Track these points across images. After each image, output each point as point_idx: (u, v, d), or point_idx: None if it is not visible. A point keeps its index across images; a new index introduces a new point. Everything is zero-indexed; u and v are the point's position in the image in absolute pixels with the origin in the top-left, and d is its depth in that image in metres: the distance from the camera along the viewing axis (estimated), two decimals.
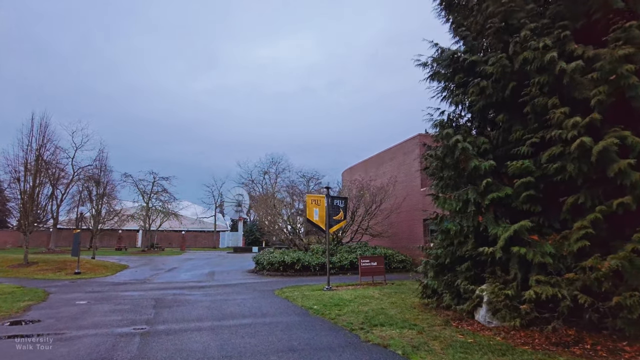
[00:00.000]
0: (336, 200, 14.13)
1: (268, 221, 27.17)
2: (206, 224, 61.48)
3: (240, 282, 17.80)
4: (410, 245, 23.15)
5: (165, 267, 26.56)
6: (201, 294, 13.95)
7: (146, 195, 43.75)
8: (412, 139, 23.54)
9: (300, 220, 27.28)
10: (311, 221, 13.93)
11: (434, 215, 10.15)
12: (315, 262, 20.53)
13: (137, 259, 33.66)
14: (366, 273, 15.15)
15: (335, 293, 12.83)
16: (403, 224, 23.57)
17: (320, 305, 10.61)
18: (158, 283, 18.21)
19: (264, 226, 29.13)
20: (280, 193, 28.67)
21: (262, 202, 30.12)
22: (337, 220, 14.05)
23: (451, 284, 9.12)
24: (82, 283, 18.47)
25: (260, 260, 22.25)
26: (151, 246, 48.44)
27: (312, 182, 42.94)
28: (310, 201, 13.92)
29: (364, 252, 21.61)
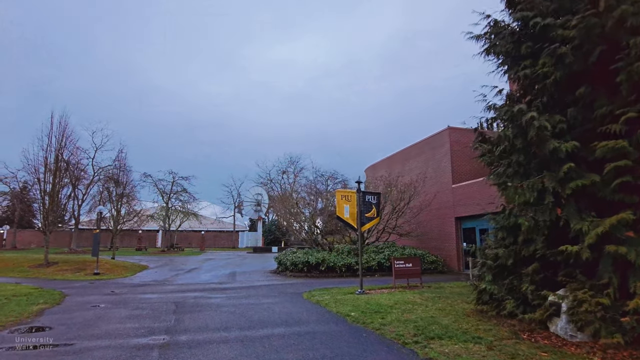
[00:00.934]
0: (368, 195, 12.84)
1: (287, 221, 25.99)
2: (225, 224, 60.70)
3: (263, 284, 16.62)
4: (441, 245, 21.70)
5: (185, 268, 25.59)
6: (224, 297, 12.79)
7: (165, 195, 43.05)
8: (441, 133, 22.08)
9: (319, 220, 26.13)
10: (341, 219, 12.66)
11: (500, 208, 8.71)
12: (340, 263, 19.24)
13: (157, 260, 32.86)
14: (400, 275, 13.81)
15: (371, 297, 11.52)
16: (432, 222, 22.12)
17: (359, 312, 9.32)
18: (178, 285, 17.16)
19: (285, 226, 27.95)
20: (299, 192, 27.45)
21: (282, 202, 28.99)
22: (370, 218, 12.76)
23: (515, 289, 7.74)
24: (100, 284, 17.54)
25: (282, 260, 21.08)
26: (171, 246, 47.77)
27: (330, 181, 41.44)
28: (340, 197, 12.66)
29: (392, 252, 20.24)
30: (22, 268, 23.59)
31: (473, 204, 19.55)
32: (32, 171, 23.61)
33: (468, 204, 19.92)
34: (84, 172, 42.19)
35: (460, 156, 21.40)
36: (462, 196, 20.39)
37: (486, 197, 18.68)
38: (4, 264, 25.22)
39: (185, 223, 49.83)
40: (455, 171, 21.19)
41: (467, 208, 20.02)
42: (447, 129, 21.61)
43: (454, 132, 21.61)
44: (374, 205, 12.90)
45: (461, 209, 20.43)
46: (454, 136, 21.52)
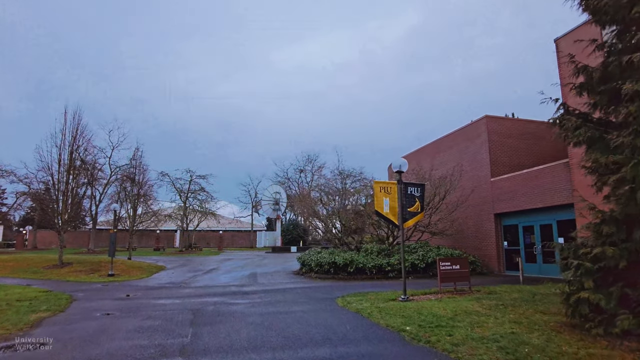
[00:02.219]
0: (411, 187, 11.00)
1: (311, 220, 24.22)
2: (243, 224, 59.31)
3: (288, 287, 14.89)
4: (478, 244, 19.68)
5: (203, 269, 24.03)
6: (247, 304, 11.08)
7: (183, 194, 41.71)
8: (477, 122, 20.07)
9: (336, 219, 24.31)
10: (380, 214, 10.84)
11: (577, 199, 6.74)
12: (370, 264, 17.39)
13: (175, 260, 31.45)
14: (447, 278, 11.91)
15: (420, 305, 9.67)
16: (469, 220, 20.11)
17: (415, 326, 7.49)
18: (196, 287, 15.55)
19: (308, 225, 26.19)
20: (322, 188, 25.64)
21: (300, 201, 27.27)
22: (413, 213, 10.92)
23: (629, 300, 5.84)
24: (114, 287, 16.03)
25: (306, 261, 19.32)
26: (189, 246, 46.47)
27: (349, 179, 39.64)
28: (379, 189, 10.85)
29: (427, 252, 18.30)
30: (35, 269, 22.34)
31: (516, 199, 17.53)
32: (46, 169, 22.31)
33: (510, 198, 17.89)
34: (101, 172, 41.18)
35: (499, 147, 19.36)
36: (502, 190, 18.35)
37: (534, 190, 16.65)
38: (19, 264, 24.05)
39: (203, 223, 48.52)
40: (494, 163, 19.16)
41: (508, 203, 17.98)
42: (484, 118, 19.58)
43: (492, 121, 19.58)
44: (418, 199, 11.05)
45: (502, 205, 18.39)
46: (492, 125, 19.49)
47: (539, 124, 20.25)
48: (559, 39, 15.86)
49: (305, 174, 54.46)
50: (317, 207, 22.66)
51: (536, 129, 20.07)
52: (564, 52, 16.62)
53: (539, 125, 20.24)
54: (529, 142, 19.77)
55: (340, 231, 21.31)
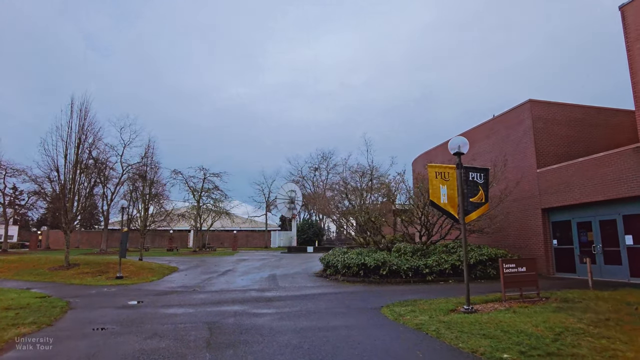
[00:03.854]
0: (472, 172, 8.81)
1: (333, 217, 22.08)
2: (257, 224, 57.32)
3: (316, 292, 12.75)
4: (522, 243, 17.34)
5: (218, 270, 22.02)
6: (274, 314, 8.96)
7: (197, 193, 39.78)
8: (519, 107, 17.72)
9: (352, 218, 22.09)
10: (437, 205, 8.65)
11: None
12: (406, 266, 15.16)
13: (188, 261, 29.51)
14: (512, 283, 9.67)
15: (493, 318, 7.46)
16: (510, 216, 17.77)
17: (513, 353, 5.30)
18: (211, 292, 13.49)
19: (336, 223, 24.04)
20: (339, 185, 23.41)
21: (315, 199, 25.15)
22: (476, 204, 8.73)
23: None
24: (119, 292, 14.04)
25: (331, 262, 17.16)
26: (203, 246, 44.63)
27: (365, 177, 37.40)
28: (433, 175, 8.65)
29: (468, 252, 16.00)
30: (40, 270, 20.51)
31: (569, 192, 15.17)
32: (51, 164, 20.43)
33: (561, 191, 15.53)
34: (113, 170, 39.51)
35: (545, 135, 17.00)
36: (552, 182, 15.99)
37: (593, 181, 14.30)
38: (24, 265, 22.25)
39: (217, 222, 46.63)
40: (540, 153, 16.80)
41: (559, 197, 15.62)
42: (528, 103, 17.23)
43: (537, 106, 17.22)
44: (481, 186, 8.84)
45: (551, 199, 16.03)
46: (537, 111, 17.13)
47: (589, 110, 17.88)
48: (625, 6, 13.54)
49: (320, 172, 52.32)
50: (339, 204, 20.51)
51: (585, 114, 17.69)
52: (630, 19, 14.42)
53: (589, 110, 17.87)
54: (578, 129, 17.39)
55: (369, 229, 19.06)
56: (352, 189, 20.28)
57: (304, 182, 53.84)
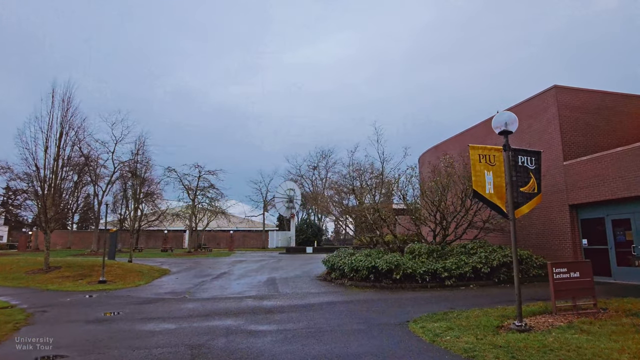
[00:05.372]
0: (522, 156, 6.99)
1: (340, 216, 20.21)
2: (254, 224, 55.32)
3: (324, 301, 10.86)
4: (546, 243, 15.57)
5: (212, 273, 20.13)
6: (276, 334, 7.09)
7: (191, 192, 37.77)
8: (543, 94, 15.94)
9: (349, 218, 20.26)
10: (482, 196, 6.81)
11: None
12: (422, 270, 13.32)
13: (182, 262, 27.59)
14: (565, 292, 7.86)
15: (561, 340, 5.64)
16: (533, 213, 15.94)
17: None
18: (202, 300, 11.61)
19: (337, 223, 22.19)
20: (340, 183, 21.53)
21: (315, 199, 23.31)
22: (527, 195, 6.92)
23: None
24: (98, 299, 12.12)
25: (337, 264, 15.30)
26: (198, 247, 42.62)
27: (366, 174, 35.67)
28: (477, 158, 6.82)
29: (489, 253, 14.20)
30: (17, 274, 18.50)
31: (602, 186, 13.40)
32: (29, 158, 18.41)
33: (593, 185, 13.76)
34: (105, 168, 37.52)
35: (572, 124, 15.24)
36: (581, 176, 14.22)
37: (633, 173, 12.53)
38: (1, 268, 20.28)
39: (213, 222, 44.65)
40: (567, 144, 15.03)
41: (591, 191, 13.85)
42: (553, 89, 15.46)
43: (563, 93, 15.45)
44: (532, 173, 7.04)
45: (580, 194, 14.26)
46: (563, 98, 15.36)
47: (617, 97, 16.13)
48: None
49: (319, 171, 50.44)
50: (343, 200, 18.68)
51: (615, 102, 15.95)
52: None
53: (617, 97, 16.12)
54: (607, 118, 15.64)
55: (378, 228, 17.18)
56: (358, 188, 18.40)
57: (303, 181, 51.96)
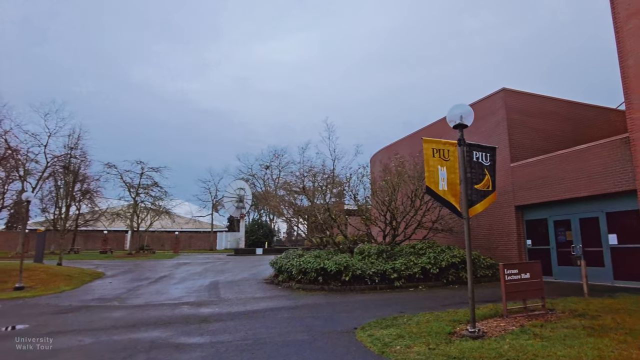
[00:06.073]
0: (477, 151, 6.58)
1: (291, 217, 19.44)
2: (202, 224, 53.13)
3: (268, 307, 10.05)
4: (493, 243, 15.68)
5: (151, 276, 18.66)
6: (206, 348, 6.18)
7: (133, 190, 35.37)
8: (492, 97, 16.10)
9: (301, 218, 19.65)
10: (435, 193, 6.31)
11: None
12: (371, 271, 12.86)
13: (120, 265, 25.60)
14: (516, 293, 7.58)
15: (517, 347, 5.22)
16: (481, 214, 16.01)
17: None
18: (132, 307, 10.39)
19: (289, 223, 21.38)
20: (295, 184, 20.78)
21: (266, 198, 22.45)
22: (482, 193, 6.53)
23: None
24: (8, 310, 10.50)
25: (284, 266, 14.52)
26: (140, 249, 40.14)
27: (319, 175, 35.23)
28: (430, 152, 6.31)
29: (438, 253, 14.01)
30: None
31: (548, 187, 13.62)
32: None
33: (538, 187, 13.98)
34: (36, 163, 34.30)
35: (519, 127, 15.47)
36: (528, 178, 14.42)
37: (576, 175, 12.78)
38: None
39: (157, 223, 42.25)
40: (514, 146, 15.23)
41: (536, 193, 14.07)
42: (502, 92, 15.63)
43: (511, 96, 15.66)
44: (487, 170, 6.68)
45: (526, 195, 14.46)
46: (511, 101, 15.57)
47: (561, 103, 16.61)
48: None
49: (271, 171, 49.31)
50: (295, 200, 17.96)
51: (559, 107, 16.40)
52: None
53: (561, 104, 16.60)
54: (552, 122, 16.04)
55: (328, 228, 16.59)
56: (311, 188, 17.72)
57: (255, 181, 50.58)
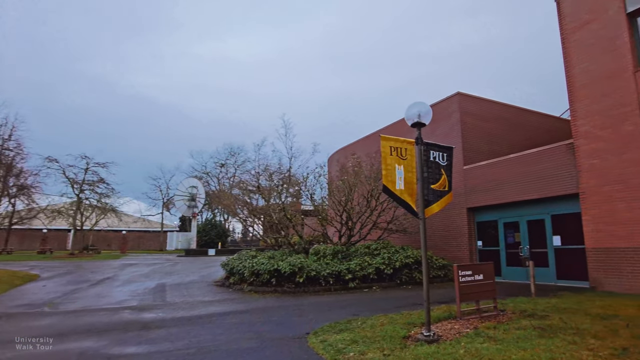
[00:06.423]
0: (434, 150, 6.44)
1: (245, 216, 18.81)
2: (152, 223, 50.83)
3: (216, 311, 9.47)
4: (446, 244, 15.91)
5: (93, 278, 17.37)
6: (144, 358, 5.61)
7: (77, 186, 33.09)
8: (448, 100, 16.33)
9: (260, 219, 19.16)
10: (392, 192, 6.08)
11: None
12: (326, 272, 12.58)
13: (59, 266, 23.75)
14: (469, 295, 7.53)
15: (473, 352, 5.08)
16: (434, 215, 16.17)
17: None
18: (65, 313, 9.45)
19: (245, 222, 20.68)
20: None
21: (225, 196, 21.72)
22: (438, 193, 6.39)
23: None
24: None
25: (236, 268, 13.93)
26: (84, 248, 37.67)
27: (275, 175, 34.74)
28: (388, 150, 6.08)
29: (392, 254, 13.97)
30: None
31: (499, 190, 13.98)
32: None
33: (489, 189, 14.32)
34: None
35: (473, 131, 15.81)
36: (480, 180, 14.74)
37: (526, 178, 13.16)
38: None
39: (103, 221, 39.82)
40: (467, 149, 15.53)
41: (487, 195, 14.41)
42: (457, 95, 15.90)
43: (466, 100, 15.97)
44: (444, 170, 6.55)
45: (477, 197, 14.78)
46: (466, 105, 15.88)
47: (511, 109, 17.18)
48: None
49: (227, 169, 47.94)
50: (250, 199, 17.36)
51: (510, 113, 16.95)
52: (566, 10, 13.67)
53: (511, 109, 17.16)
54: (503, 127, 16.53)
55: (283, 228, 16.14)
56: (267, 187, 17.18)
57: (209, 179, 48.99)
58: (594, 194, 11.02)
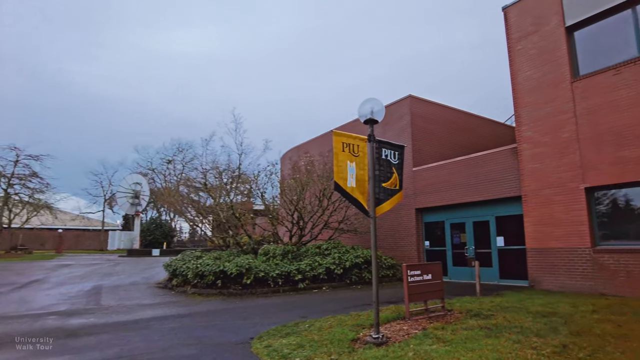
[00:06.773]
0: (386, 148, 6.29)
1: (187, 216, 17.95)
2: (92, 222, 47.75)
3: (154, 315, 8.81)
4: (395, 244, 16.05)
5: (19, 281, 15.84)
6: None
7: (5, 180, 30.25)
8: (399, 102, 16.49)
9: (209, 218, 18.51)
10: (343, 189, 5.83)
11: None
12: (275, 273, 12.19)
13: None
14: (418, 294, 7.48)
15: (421, 355, 4.95)
16: (384, 216, 16.32)
17: None
18: None
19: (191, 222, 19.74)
20: None
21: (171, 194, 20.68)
22: (389, 191, 6.25)
23: None
24: None
25: (179, 269, 13.18)
26: (12, 248, 34.57)
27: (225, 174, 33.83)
28: (341, 147, 5.84)
29: (343, 254, 13.85)
30: None
31: (446, 191, 14.28)
32: None
33: (437, 191, 14.60)
34: None
35: (423, 134, 16.06)
36: (428, 182, 15.00)
37: (473, 180, 13.53)
38: None
39: (35, 219, 36.80)
40: (417, 151, 15.76)
41: (435, 197, 14.68)
42: (408, 98, 16.09)
43: (417, 103, 16.21)
44: (395, 168, 6.42)
45: (425, 198, 15.03)
46: (417, 108, 16.12)
47: (459, 114, 17.67)
48: (508, 8, 13.11)
49: (174, 165, 45.99)
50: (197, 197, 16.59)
51: (457, 118, 17.42)
52: (512, 20, 14.22)
53: (459, 114, 17.65)
54: (451, 131, 16.96)
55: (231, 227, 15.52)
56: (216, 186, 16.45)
57: (154, 176, 46.75)
58: (535, 197, 11.49)
